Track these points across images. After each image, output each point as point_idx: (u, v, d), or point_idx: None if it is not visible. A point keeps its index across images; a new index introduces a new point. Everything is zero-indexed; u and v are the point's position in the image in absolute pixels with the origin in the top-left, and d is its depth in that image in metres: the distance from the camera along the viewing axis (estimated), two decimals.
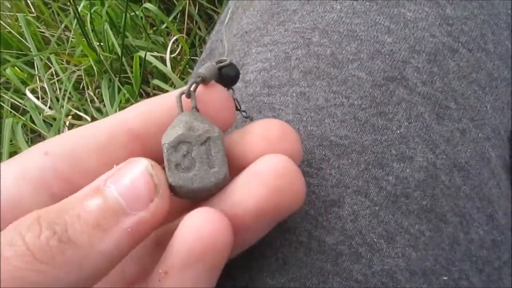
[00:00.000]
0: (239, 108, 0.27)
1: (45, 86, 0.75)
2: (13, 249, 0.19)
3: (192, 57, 0.81)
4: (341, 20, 0.32)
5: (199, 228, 0.21)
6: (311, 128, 0.29)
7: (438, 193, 0.28)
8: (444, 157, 0.29)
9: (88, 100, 0.83)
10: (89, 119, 0.77)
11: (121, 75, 0.78)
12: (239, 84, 0.32)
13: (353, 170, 0.28)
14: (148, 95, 0.84)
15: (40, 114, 0.78)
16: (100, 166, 0.23)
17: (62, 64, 0.85)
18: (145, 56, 0.66)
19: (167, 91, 0.76)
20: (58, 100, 0.80)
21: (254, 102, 0.31)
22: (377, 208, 0.27)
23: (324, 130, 0.29)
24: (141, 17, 0.83)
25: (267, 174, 0.22)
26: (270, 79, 0.31)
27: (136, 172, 0.21)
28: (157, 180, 0.21)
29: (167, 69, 0.68)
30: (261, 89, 0.31)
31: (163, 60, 0.77)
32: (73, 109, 0.80)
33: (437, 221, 0.28)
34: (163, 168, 0.23)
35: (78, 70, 0.85)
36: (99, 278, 0.21)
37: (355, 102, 0.29)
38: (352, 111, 0.29)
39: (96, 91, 0.85)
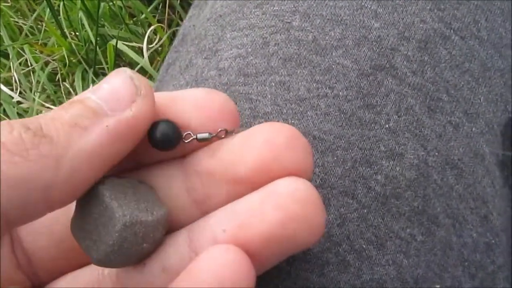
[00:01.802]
0: (181, 136, 0.22)
1: (15, 75, 0.72)
2: None
3: None
4: (324, 3, 0.29)
5: (219, 271, 0.19)
6: (292, 121, 0.26)
7: (430, 193, 0.26)
8: (436, 153, 0.27)
9: (63, 92, 0.79)
10: None
11: (96, 66, 0.74)
12: (212, 73, 0.30)
13: (338, 169, 0.25)
14: None
15: (14, 107, 0.74)
16: None
17: (38, 54, 0.81)
18: (116, 44, 0.62)
19: None
20: (33, 92, 0.76)
21: (229, 92, 0.28)
22: (365, 210, 0.25)
23: (306, 124, 0.26)
24: (121, 7, 0.79)
25: (286, 197, 0.19)
26: (246, 66, 0.28)
27: (115, 79, 0.20)
28: (137, 82, 0.20)
29: (141, 60, 0.64)
30: (237, 78, 0.28)
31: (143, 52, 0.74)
32: (46, 102, 0.77)
33: (429, 224, 0.26)
34: None
35: (53, 60, 0.81)
36: (78, 182, 0.19)
37: (340, 93, 0.27)
38: (336, 103, 0.26)
39: (74, 84, 0.81)
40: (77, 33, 0.78)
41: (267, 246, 0.19)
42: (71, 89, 0.81)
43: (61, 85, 0.80)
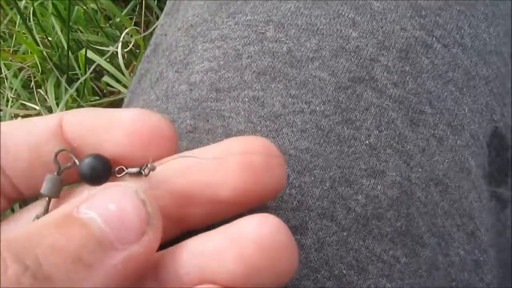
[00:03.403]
0: (110, 170, 0.21)
1: None
2: None
3: None
4: (299, 12, 0.27)
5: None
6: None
7: (413, 212, 0.25)
8: (420, 169, 0.25)
9: (37, 100, 0.77)
10: None
11: (70, 73, 0.72)
12: (183, 87, 0.28)
13: (316, 190, 0.24)
14: (103, 92, 0.79)
15: None
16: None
17: (11, 61, 0.79)
18: (85, 52, 0.60)
19: (118, 90, 0.71)
20: (7, 100, 0.74)
21: (200, 109, 0.26)
22: (345, 233, 0.23)
23: (282, 142, 0.25)
24: (96, 11, 0.77)
25: (250, 245, 0.18)
26: (218, 81, 0.27)
27: (123, 198, 0.18)
28: (150, 208, 0.18)
29: (116, 70, 0.62)
30: (208, 93, 0.27)
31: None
32: (21, 109, 0.74)
33: (413, 244, 0.24)
34: None
35: (27, 67, 0.79)
36: None
37: (317, 108, 0.25)
38: (313, 119, 0.25)
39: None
40: (49, 39, 0.76)
41: None
42: (46, 97, 0.78)
43: (35, 93, 0.78)
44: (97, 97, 0.70)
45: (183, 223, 0.21)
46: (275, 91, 0.26)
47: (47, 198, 0.22)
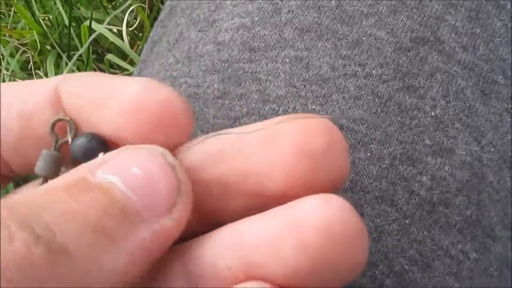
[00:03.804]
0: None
1: None
2: None
3: None
4: None
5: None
6: (313, 107, 0.21)
7: (485, 198, 0.21)
8: (492, 149, 0.21)
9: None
10: None
11: (71, 51, 0.68)
12: (209, 47, 0.24)
13: (373, 168, 0.20)
14: (104, 72, 0.75)
15: None
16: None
17: (9, 39, 0.75)
18: (90, 24, 0.56)
19: (125, 69, 0.66)
20: (3, 80, 0.70)
21: (231, 71, 0.22)
22: (407, 221, 0.19)
23: (331, 110, 0.20)
24: None
25: (315, 235, 0.14)
26: (252, 39, 0.23)
27: (149, 160, 0.15)
28: (180, 174, 0.15)
29: (123, 43, 0.58)
30: (240, 53, 0.23)
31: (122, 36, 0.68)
32: None
33: (484, 237, 0.20)
34: None
35: (24, 45, 0.74)
36: None
37: (373, 72, 0.21)
38: (369, 84, 0.21)
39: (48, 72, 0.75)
40: (49, 16, 0.71)
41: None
42: (44, 77, 0.74)
43: (34, 74, 0.74)
44: None
45: (215, 217, 0.17)
46: (322, 51, 0.21)
47: (42, 179, 0.17)
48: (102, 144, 0.17)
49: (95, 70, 0.71)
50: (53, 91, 0.17)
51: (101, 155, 0.15)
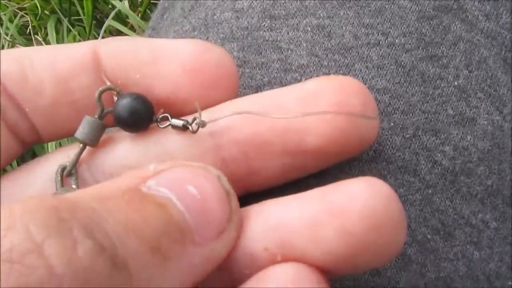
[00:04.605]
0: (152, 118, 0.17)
1: None
2: (17, 269, 0.10)
3: None
4: None
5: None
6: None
7: (505, 168, 0.21)
8: None
9: (35, 45, 0.72)
10: None
11: (71, 16, 0.67)
12: (227, 14, 0.23)
13: (396, 138, 0.20)
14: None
15: None
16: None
17: (6, 2, 0.73)
18: None
19: (125, 34, 0.65)
20: (2, 46, 0.69)
21: (251, 39, 0.22)
22: (430, 191, 0.19)
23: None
24: None
25: (357, 220, 0.14)
26: (272, 6, 0.22)
27: (205, 182, 0.14)
28: (233, 202, 0.15)
29: (125, 6, 0.57)
30: (260, 21, 0.22)
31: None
32: None
33: (504, 206, 0.21)
34: None
35: (22, 10, 0.73)
36: None
37: (396, 41, 0.21)
38: (392, 53, 0.21)
39: (47, 38, 0.73)
40: None
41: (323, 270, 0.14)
42: (43, 43, 0.73)
43: (33, 38, 0.73)
44: None
45: (252, 181, 0.17)
46: (345, 19, 0.21)
47: (81, 145, 0.17)
48: (146, 104, 0.17)
49: (95, 36, 0.70)
50: (91, 55, 0.17)
51: (152, 165, 0.15)
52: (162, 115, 0.17)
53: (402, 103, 0.20)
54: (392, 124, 0.20)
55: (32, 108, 0.17)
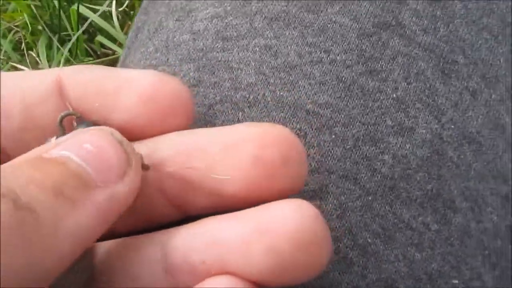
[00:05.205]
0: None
1: None
2: None
3: None
4: None
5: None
6: (281, 93, 0.22)
7: (445, 173, 0.22)
8: (452, 126, 0.23)
9: (28, 62, 0.73)
10: None
11: (62, 33, 0.69)
12: (185, 37, 0.25)
13: (337, 149, 0.21)
14: (96, 54, 0.76)
15: None
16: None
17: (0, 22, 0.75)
18: (77, 7, 0.57)
19: (112, 51, 0.67)
20: None
21: (205, 60, 0.23)
22: (370, 198, 0.21)
23: (298, 96, 0.22)
24: None
25: (283, 239, 0.15)
26: (225, 28, 0.24)
27: (101, 140, 0.16)
28: (128, 149, 0.16)
29: (110, 27, 0.59)
30: (214, 42, 0.24)
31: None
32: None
33: (445, 209, 0.22)
34: None
35: (15, 27, 0.75)
36: (60, 267, 0.15)
37: (338, 58, 0.22)
38: (334, 69, 0.22)
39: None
40: None
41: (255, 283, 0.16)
42: (38, 59, 0.75)
43: (26, 55, 0.75)
44: (90, 58, 0.67)
45: (188, 208, 0.19)
46: (290, 39, 0.23)
47: None
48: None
49: (86, 50, 0.71)
50: (56, 83, 0.19)
51: (53, 139, 0.16)
52: None
53: (343, 116, 0.21)
54: (333, 136, 0.21)
55: (3, 133, 0.19)
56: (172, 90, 0.18)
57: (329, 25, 0.23)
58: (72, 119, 0.19)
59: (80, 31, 0.59)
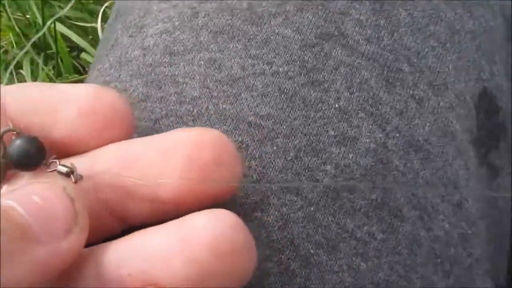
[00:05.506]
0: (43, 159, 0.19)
1: None
2: None
3: None
4: None
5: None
6: (224, 106, 0.22)
7: (390, 182, 0.22)
8: (397, 135, 0.23)
9: (16, 80, 0.74)
10: None
11: (49, 51, 0.69)
12: (136, 52, 0.25)
13: (279, 160, 0.21)
14: (84, 69, 0.76)
15: None
16: None
17: None
18: (54, 26, 0.57)
19: None
20: None
21: (153, 75, 0.24)
22: (312, 208, 0.21)
23: (240, 108, 0.22)
24: None
25: (202, 250, 0.16)
26: (172, 43, 0.24)
27: (49, 192, 0.16)
28: (78, 205, 0.16)
29: (86, 44, 0.59)
30: (162, 57, 0.24)
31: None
32: None
33: (391, 218, 0.22)
34: None
35: (4, 45, 0.76)
36: None
37: (280, 69, 0.22)
38: (276, 81, 0.22)
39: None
40: (27, 16, 0.73)
41: None
42: (26, 78, 0.76)
43: (14, 73, 0.75)
44: (76, 75, 0.68)
45: (127, 219, 0.19)
46: (234, 52, 0.23)
47: None
48: (38, 148, 0.19)
49: (74, 66, 0.72)
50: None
51: (5, 187, 0.16)
52: (52, 160, 0.19)
53: (284, 127, 0.21)
54: (275, 147, 0.21)
55: None
56: (110, 102, 0.19)
57: (272, 37, 0.23)
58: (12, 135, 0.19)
59: (57, 50, 0.60)
